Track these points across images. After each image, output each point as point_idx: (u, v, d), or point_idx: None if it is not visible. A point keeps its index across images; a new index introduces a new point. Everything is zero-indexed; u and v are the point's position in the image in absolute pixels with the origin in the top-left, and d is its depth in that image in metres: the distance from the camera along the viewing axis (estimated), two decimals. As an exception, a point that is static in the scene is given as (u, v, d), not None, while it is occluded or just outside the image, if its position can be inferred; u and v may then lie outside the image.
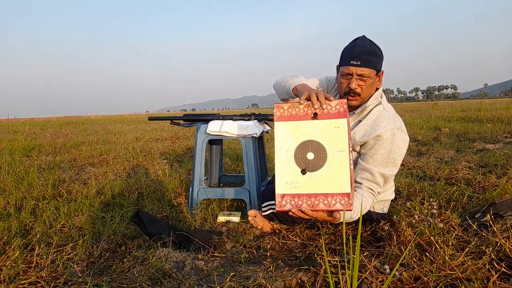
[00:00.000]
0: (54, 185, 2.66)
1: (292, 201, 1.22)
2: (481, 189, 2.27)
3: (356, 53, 1.44)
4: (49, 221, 1.90)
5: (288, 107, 1.28)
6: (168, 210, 2.11)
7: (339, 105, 1.26)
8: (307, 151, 1.25)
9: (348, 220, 1.43)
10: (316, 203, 1.21)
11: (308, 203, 1.22)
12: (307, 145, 1.25)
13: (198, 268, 1.38)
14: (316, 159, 1.25)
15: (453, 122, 7.00)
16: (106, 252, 1.57)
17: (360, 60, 1.43)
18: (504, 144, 4.18)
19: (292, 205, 1.22)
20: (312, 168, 1.24)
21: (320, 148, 1.25)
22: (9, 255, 1.42)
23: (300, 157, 1.24)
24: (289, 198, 1.22)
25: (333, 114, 1.26)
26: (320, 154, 1.25)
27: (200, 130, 2.02)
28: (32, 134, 7.66)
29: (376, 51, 1.47)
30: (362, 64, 1.43)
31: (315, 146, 1.25)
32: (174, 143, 5.34)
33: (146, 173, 3.19)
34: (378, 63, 1.47)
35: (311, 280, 1.24)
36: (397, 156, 1.49)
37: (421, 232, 1.42)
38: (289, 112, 1.28)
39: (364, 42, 1.47)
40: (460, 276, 1.15)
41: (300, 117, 1.27)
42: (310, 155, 1.24)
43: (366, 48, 1.45)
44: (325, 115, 1.26)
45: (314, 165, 1.24)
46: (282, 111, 1.28)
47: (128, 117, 22.17)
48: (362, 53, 1.43)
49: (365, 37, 1.50)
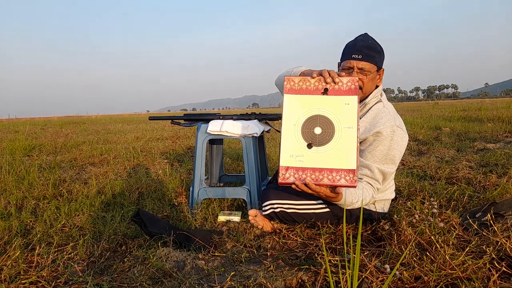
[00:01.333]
0: (55, 185, 2.67)
1: (296, 174, 1.21)
2: (482, 189, 2.27)
3: (357, 48, 1.47)
4: (50, 220, 1.91)
5: (299, 81, 1.27)
6: (168, 210, 2.11)
7: (350, 82, 1.25)
8: (315, 125, 1.24)
9: (348, 205, 1.43)
10: (320, 178, 1.21)
11: (312, 177, 1.21)
12: (315, 119, 1.24)
13: (198, 267, 1.38)
14: (324, 134, 1.24)
15: (453, 121, 6.99)
16: (106, 252, 1.57)
17: (361, 54, 1.46)
18: (505, 144, 4.18)
19: (296, 178, 1.21)
20: (319, 142, 1.23)
21: (328, 123, 1.24)
22: (9, 254, 1.43)
23: (307, 131, 1.23)
24: (293, 171, 1.21)
25: (344, 91, 1.25)
26: (328, 129, 1.24)
27: (201, 130, 2.02)
28: (33, 134, 7.67)
29: (377, 47, 1.50)
30: (363, 58, 1.46)
31: (323, 121, 1.24)
32: (175, 143, 5.34)
33: (147, 172, 3.20)
34: (379, 59, 1.50)
35: (311, 279, 1.24)
36: (396, 153, 1.49)
37: (422, 232, 1.42)
38: (299, 85, 1.27)
39: (366, 38, 1.51)
40: (461, 275, 1.15)
41: (311, 91, 1.26)
42: (317, 130, 1.23)
43: (368, 43, 1.48)
44: (335, 91, 1.25)
45: (321, 139, 1.23)
46: (293, 84, 1.27)
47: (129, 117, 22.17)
48: (363, 47, 1.46)
49: (367, 34, 1.53)
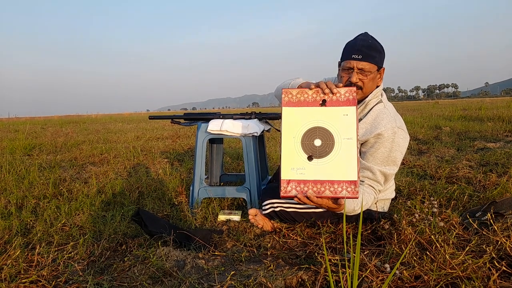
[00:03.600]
0: (55, 184, 2.67)
1: (297, 187, 1.21)
2: (482, 188, 2.27)
3: (357, 47, 1.45)
4: (50, 220, 1.91)
5: (297, 93, 1.27)
6: (168, 209, 2.11)
7: (348, 93, 1.24)
8: (315, 137, 1.23)
9: (350, 212, 1.43)
10: (322, 190, 1.21)
11: (314, 190, 1.21)
12: (315, 131, 1.24)
13: (198, 267, 1.38)
14: (323, 146, 1.23)
15: (454, 120, 6.99)
16: (106, 251, 1.57)
17: (361, 54, 1.44)
18: (505, 143, 4.18)
19: (298, 191, 1.21)
20: (319, 154, 1.22)
21: (327, 135, 1.23)
22: (10, 254, 1.43)
23: (307, 143, 1.23)
24: (294, 184, 1.21)
25: (342, 102, 1.24)
26: (327, 141, 1.23)
27: (201, 129, 2.02)
28: (33, 133, 7.67)
29: (377, 47, 1.48)
30: (363, 58, 1.44)
31: (323, 133, 1.24)
32: (175, 142, 5.34)
33: (147, 172, 3.20)
34: (379, 58, 1.48)
35: (311, 279, 1.24)
36: (397, 155, 1.49)
37: (422, 231, 1.42)
38: (297, 98, 1.26)
39: (366, 37, 1.49)
40: (461, 274, 1.15)
41: (308, 103, 1.25)
42: (317, 142, 1.23)
43: (368, 43, 1.46)
44: (334, 102, 1.25)
45: (321, 151, 1.22)
46: (291, 96, 1.27)
47: (129, 116, 22.15)
48: (363, 47, 1.45)
49: (367, 33, 1.51)
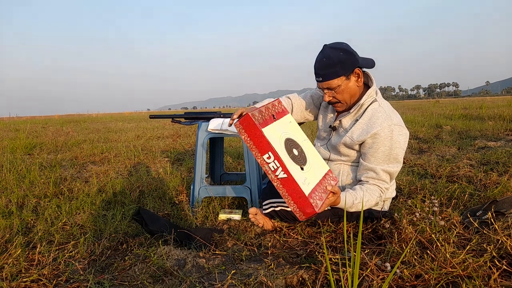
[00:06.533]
0: (56, 183, 2.67)
1: (316, 196, 1.24)
2: (483, 187, 2.27)
3: (316, 71, 1.48)
4: (51, 219, 1.91)
5: (258, 113, 1.25)
6: (169, 208, 2.11)
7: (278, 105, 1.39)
8: (292, 148, 1.29)
9: (350, 207, 1.43)
10: (324, 188, 1.30)
11: (322, 191, 1.28)
12: (288, 143, 1.29)
13: (199, 266, 1.38)
14: (300, 153, 1.30)
15: (454, 119, 6.98)
16: (107, 250, 1.58)
17: (320, 76, 1.48)
18: (506, 142, 4.17)
19: (318, 198, 1.24)
20: (303, 161, 1.29)
21: (294, 143, 1.32)
22: (11, 253, 1.43)
23: (292, 156, 1.26)
24: (314, 195, 1.24)
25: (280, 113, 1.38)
26: (297, 147, 1.31)
27: (201, 128, 2.02)
28: (34, 133, 7.67)
29: (333, 60, 1.43)
30: (323, 79, 1.47)
31: (292, 142, 1.31)
32: (175, 141, 5.34)
33: (147, 171, 3.20)
34: (340, 70, 1.44)
35: (312, 277, 1.24)
36: (399, 152, 1.49)
37: (422, 230, 1.42)
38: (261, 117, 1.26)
39: (321, 55, 1.46)
40: (461, 273, 1.15)
41: (268, 120, 1.29)
42: (295, 151, 1.29)
43: (322, 62, 1.45)
44: (279, 114, 1.36)
45: (301, 158, 1.29)
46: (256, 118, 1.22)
47: (129, 115, 22.16)
48: (319, 69, 1.46)
49: (324, 47, 1.48)
